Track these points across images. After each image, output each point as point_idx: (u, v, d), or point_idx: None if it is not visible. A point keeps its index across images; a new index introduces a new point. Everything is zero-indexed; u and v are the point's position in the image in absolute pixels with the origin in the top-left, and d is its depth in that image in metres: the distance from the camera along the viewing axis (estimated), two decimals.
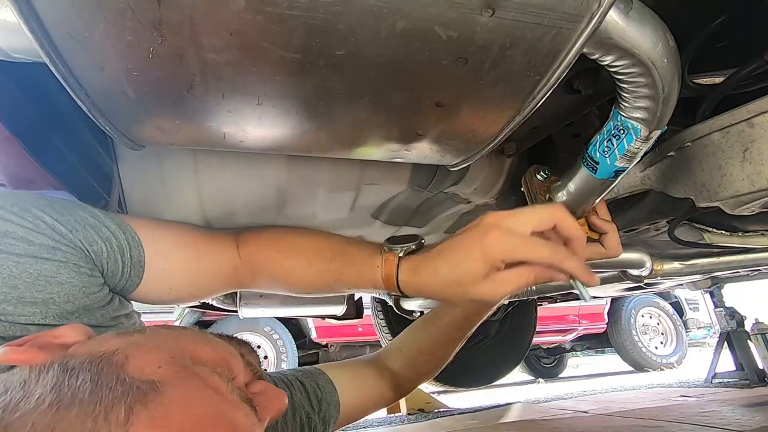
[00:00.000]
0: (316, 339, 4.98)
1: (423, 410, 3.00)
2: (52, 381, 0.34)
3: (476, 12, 0.39)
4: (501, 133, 0.57)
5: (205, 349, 0.44)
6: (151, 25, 0.37)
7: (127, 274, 0.59)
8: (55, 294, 0.50)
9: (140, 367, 0.37)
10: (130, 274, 0.60)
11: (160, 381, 0.36)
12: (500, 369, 2.91)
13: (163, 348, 0.41)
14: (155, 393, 0.35)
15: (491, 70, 0.45)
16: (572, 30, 0.41)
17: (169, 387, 0.36)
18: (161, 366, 0.38)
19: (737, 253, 1.36)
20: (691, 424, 1.82)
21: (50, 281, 0.50)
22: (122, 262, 0.58)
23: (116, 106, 0.49)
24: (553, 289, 1.67)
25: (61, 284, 0.51)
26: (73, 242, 0.53)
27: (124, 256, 0.58)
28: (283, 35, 0.39)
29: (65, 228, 0.53)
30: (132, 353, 0.39)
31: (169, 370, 0.38)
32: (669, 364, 5.46)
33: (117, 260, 0.57)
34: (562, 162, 0.88)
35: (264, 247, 0.71)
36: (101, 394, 0.33)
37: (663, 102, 0.53)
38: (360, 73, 0.45)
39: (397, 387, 0.89)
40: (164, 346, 0.42)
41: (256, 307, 1.61)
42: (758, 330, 3.09)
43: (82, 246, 0.54)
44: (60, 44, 0.40)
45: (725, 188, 0.64)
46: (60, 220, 0.53)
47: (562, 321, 5.66)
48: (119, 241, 0.58)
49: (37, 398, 0.32)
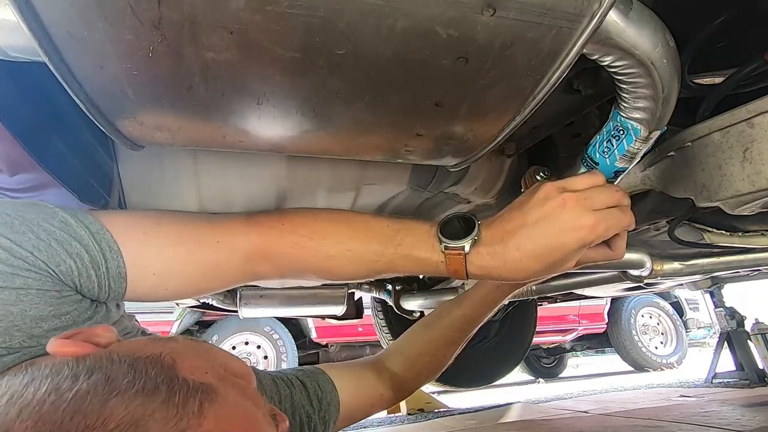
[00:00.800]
0: (316, 339, 4.98)
1: (423, 410, 3.00)
2: (129, 371, 0.37)
3: (477, 11, 0.39)
4: (501, 133, 0.56)
5: (235, 363, 0.48)
6: (150, 24, 0.37)
7: (105, 287, 0.54)
8: (19, 321, 0.47)
9: (189, 370, 0.40)
10: (109, 287, 0.54)
11: (213, 385, 0.39)
12: (500, 369, 2.91)
13: (203, 357, 0.44)
14: (216, 394, 0.38)
15: (492, 70, 0.45)
16: (573, 30, 0.41)
17: (222, 391, 0.39)
18: (207, 372, 0.41)
19: (737, 253, 1.36)
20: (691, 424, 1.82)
21: (10, 310, 0.46)
22: (97, 276, 0.53)
23: (116, 106, 0.49)
24: (553, 289, 1.67)
25: (23, 311, 0.47)
26: (35, 265, 0.48)
27: (99, 270, 0.52)
28: (284, 34, 0.39)
29: (25, 250, 0.47)
30: (177, 358, 0.41)
31: (214, 376, 0.41)
32: (669, 364, 5.46)
33: (91, 276, 0.52)
34: (562, 162, 0.88)
35: (290, 234, 0.63)
36: (175, 388, 0.37)
37: (663, 102, 0.53)
38: (360, 73, 0.45)
39: (398, 388, 0.89)
40: (202, 356, 0.44)
41: (256, 307, 1.61)
42: (758, 330, 3.09)
43: (47, 267, 0.49)
44: (59, 43, 0.40)
45: (725, 188, 0.64)
46: (19, 241, 0.47)
47: (562, 321, 5.66)
48: (93, 254, 0.52)
49: (126, 383, 0.36)
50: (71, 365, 0.38)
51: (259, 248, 0.63)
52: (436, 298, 1.71)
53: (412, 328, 0.94)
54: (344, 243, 0.62)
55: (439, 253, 0.60)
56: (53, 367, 0.38)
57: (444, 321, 0.90)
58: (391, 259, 0.61)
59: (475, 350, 2.71)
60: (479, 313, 0.88)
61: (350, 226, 0.64)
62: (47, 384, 0.36)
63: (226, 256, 0.62)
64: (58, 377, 0.36)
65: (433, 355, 0.90)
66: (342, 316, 1.82)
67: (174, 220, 0.63)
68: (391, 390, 0.88)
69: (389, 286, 1.82)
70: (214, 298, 1.67)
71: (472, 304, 0.87)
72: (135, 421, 0.33)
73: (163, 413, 0.35)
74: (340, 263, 0.62)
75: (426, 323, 0.93)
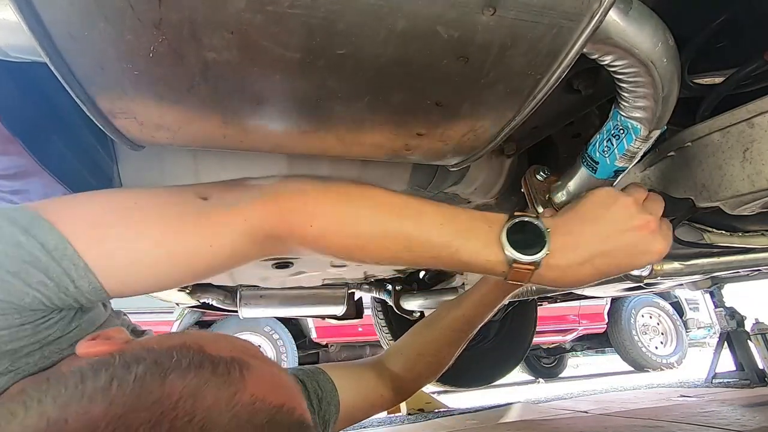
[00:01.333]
0: (316, 339, 4.98)
1: (423, 410, 3.00)
2: (171, 355, 0.41)
3: (477, 11, 0.39)
4: (501, 132, 0.57)
5: (245, 343, 0.51)
6: (151, 25, 0.37)
7: (83, 300, 0.47)
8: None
9: (217, 350, 0.44)
10: (88, 299, 0.47)
11: (242, 357, 0.44)
12: (500, 369, 2.91)
13: (219, 340, 0.48)
14: (248, 363, 0.44)
15: (492, 70, 0.45)
16: (573, 29, 0.41)
17: (251, 362, 0.45)
18: (231, 350, 0.45)
19: (737, 253, 1.36)
20: (691, 424, 1.82)
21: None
22: (68, 295, 0.45)
23: (116, 106, 0.49)
24: (553, 289, 1.67)
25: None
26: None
27: (69, 291, 0.45)
28: (284, 34, 0.39)
29: None
30: (200, 342, 0.45)
31: (238, 352, 0.45)
32: (669, 364, 5.46)
33: (62, 297, 0.45)
34: (562, 162, 0.88)
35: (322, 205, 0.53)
36: (216, 361, 0.42)
37: (663, 101, 0.53)
38: (361, 73, 0.45)
39: (398, 389, 0.89)
40: (219, 339, 0.48)
41: (256, 307, 1.61)
42: (758, 330, 3.09)
43: (10, 304, 0.42)
44: (60, 43, 0.40)
45: (725, 188, 0.64)
46: None
47: (562, 321, 5.66)
48: (56, 279, 0.44)
49: (174, 362, 0.40)
50: (115, 359, 0.41)
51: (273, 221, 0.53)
52: (436, 298, 1.71)
53: (412, 329, 0.95)
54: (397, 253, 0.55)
55: (503, 265, 0.53)
56: (95, 364, 0.41)
57: (444, 322, 0.90)
58: (443, 264, 0.56)
59: (475, 350, 2.71)
60: (479, 312, 0.88)
61: (401, 228, 0.54)
62: (103, 376, 0.39)
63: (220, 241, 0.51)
64: (109, 370, 0.39)
65: (433, 356, 0.91)
66: (342, 316, 1.82)
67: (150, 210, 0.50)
68: (392, 391, 0.88)
69: (389, 286, 1.82)
70: (214, 298, 1.67)
71: (472, 304, 0.88)
72: (193, 392, 0.38)
73: (215, 381, 0.40)
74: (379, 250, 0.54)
75: (426, 324, 0.93)
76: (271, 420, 0.41)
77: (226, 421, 0.38)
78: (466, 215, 0.56)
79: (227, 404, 0.39)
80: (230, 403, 0.39)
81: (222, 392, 0.40)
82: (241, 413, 0.39)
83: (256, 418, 0.40)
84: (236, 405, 0.39)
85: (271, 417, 0.41)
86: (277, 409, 0.42)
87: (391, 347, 0.96)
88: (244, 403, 0.40)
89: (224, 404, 0.39)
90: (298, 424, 0.44)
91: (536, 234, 0.54)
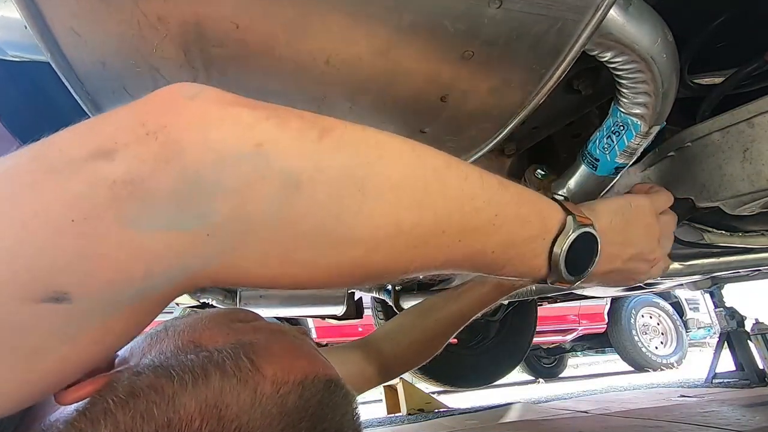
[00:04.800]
0: (316, 339, 4.98)
1: (423, 410, 2.99)
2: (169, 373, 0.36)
3: (484, 3, 0.39)
4: (504, 128, 0.57)
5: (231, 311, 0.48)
6: (155, 19, 0.37)
7: None
8: None
9: (213, 341, 0.41)
10: None
11: (242, 340, 0.41)
12: (500, 369, 2.91)
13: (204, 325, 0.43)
14: (251, 344, 0.40)
15: (497, 63, 0.45)
16: (577, 22, 0.41)
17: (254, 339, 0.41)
18: (228, 333, 0.42)
19: (737, 253, 1.36)
20: (691, 424, 1.81)
21: None
22: None
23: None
24: (553, 289, 1.67)
25: None
26: None
27: None
28: (288, 29, 0.39)
29: None
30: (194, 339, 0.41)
31: (234, 334, 0.42)
32: (669, 364, 5.46)
33: None
34: (562, 162, 0.88)
35: None
36: (219, 360, 0.38)
37: (662, 97, 0.54)
38: (365, 69, 0.45)
39: (384, 371, 0.90)
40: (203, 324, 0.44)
41: (256, 307, 1.61)
42: (758, 330, 3.08)
43: None
44: (61, 39, 0.39)
45: (725, 188, 0.64)
46: None
47: (562, 321, 5.66)
48: None
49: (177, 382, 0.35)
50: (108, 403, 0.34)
51: None
52: None
53: (402, 316, 0.95)
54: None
55: (542, 277, 0.45)
56: (87, 413, 0.33)
57: (440, 314, 0.91)
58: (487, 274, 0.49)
59: (475, 350, 2.71)
60: (477, 309, 0.89)
61: None
62: (104, 427, 0.32)
63: None
64: (109, 417, 0.33)
65: (424, 345, 0.92)
66: (342, 316, 1.82)
67: None
68: (377, 372, 0.89)
69: (389, 286, 1.82)
70: (214, 298, 1.67)
71: (470, 301, 0.88)
72: (211, 406, 0.34)
73: (229, 385, 0.36)
74: None
75: (420, 313, 0.94)
76: (300, 397, 0.39)
77: (259, 421, 0.36)
78: (513, 240, 0.42)
79: (252, 404, 0.36)
80: (255, 401, 0.36)
81: (242, 394, 0.36)
82: (270, 406, 0.37)
83: (286, 404, 0.38)
84: (261, 400, 0.37)
85: (299, 395, 0.39)
86: (303, 385, 0.39)
87: (380, 330, 0.97)
88: (268, 395, 0.37)
89: (249, 406, 0.36)
90: (326, 387, 0.41)
91: (590, 248, 0.46)
